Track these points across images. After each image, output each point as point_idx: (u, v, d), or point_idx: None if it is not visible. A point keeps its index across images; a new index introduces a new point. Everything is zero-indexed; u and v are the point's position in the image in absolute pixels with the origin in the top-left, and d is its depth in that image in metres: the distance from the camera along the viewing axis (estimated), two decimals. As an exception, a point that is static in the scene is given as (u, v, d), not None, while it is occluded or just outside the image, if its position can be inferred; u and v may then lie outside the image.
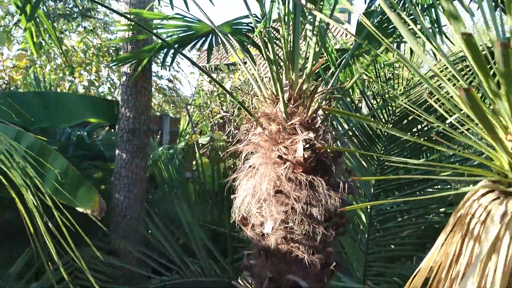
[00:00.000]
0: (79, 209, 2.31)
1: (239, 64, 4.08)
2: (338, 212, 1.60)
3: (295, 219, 1.55)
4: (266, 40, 1.59)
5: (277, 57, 1.68)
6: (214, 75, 4.99)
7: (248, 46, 2.57)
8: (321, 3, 1.81)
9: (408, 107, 1.42)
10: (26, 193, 1.18)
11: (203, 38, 2.61)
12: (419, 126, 2.61)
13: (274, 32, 2.27)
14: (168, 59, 2.98)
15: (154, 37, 2.72)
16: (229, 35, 2.33)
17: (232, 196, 1.75)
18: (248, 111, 1.68)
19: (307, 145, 1.56)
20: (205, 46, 2.60)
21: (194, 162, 4.12)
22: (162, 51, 2.79)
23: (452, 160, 2.89)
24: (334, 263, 1.66)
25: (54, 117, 2.82)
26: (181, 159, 3.83)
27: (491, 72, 0.68)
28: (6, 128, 2.22)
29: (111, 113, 3.02)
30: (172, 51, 2.74)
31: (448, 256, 0.83)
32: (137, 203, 2.91)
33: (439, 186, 2.79)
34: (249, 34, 2.59)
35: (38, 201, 2.25)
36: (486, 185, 0.80)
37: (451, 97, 0.86)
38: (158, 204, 3.08)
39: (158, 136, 4.33)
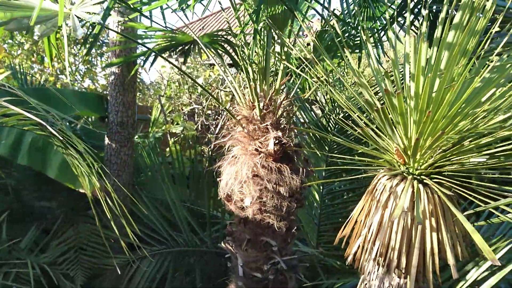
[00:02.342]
0: (81, 191, 2.74)
1: (216, 69, 4.55)
2: (298, 190, 2.17)
3: (267, 195, 2.10)
4: (247, 65, 2.10)
5: (253, 73, 2.20)
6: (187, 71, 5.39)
7: (224, 55, 3.05)
8: (290, 25, 2.33)
9: (347, 111, 1.99)
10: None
11: (185, 46, 3.07)
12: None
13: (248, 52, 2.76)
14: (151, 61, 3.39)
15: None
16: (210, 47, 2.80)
17: (218, 179, 2.27)
18: (232, 114, 2.20)
19: (276, 141, 2.11)
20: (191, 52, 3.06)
21: (167, 149, 4.58)
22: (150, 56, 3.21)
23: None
24: (295, 228, 2.25)
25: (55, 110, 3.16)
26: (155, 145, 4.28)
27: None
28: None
29: (101, 107, 3.40)
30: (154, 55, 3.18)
31: (364, 211, 1.42)
32: (125, 186, 3.35)
33: (367, 174, 3.46)
34: (224, 45, 3.07)
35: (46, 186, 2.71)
36: (384, 171, 1.39)
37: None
38: (143, 187, 3.53)
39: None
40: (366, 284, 1.43)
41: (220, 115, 4.82)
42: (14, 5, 1.64)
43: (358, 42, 2.86)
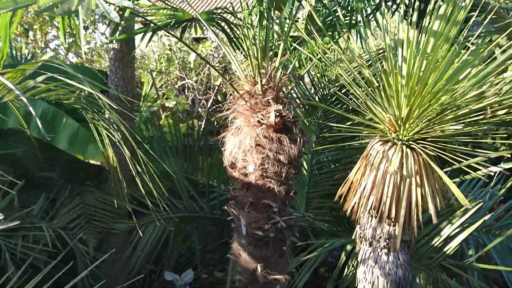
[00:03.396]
0: (91, 161, 2.92)
1: (208, 45, 4.68)
2: (296, 158, 2.42)
3: (269, 162, 2.33)
4: (249, 44, 2.29)
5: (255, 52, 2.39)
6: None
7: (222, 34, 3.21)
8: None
9: (347, 86, 2.23)
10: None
11: (184, 23, 3.22)
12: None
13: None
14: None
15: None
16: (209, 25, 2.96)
17: (222, 149, 2.49)
18: (236, 89, 2.40)
19: (277, 114, 2.33)
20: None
21: (161, 122, 4.75)
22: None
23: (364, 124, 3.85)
24: (293, 192, 2.51)
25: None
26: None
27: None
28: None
29: (100, 81, 3.54)
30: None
31: (359, 172, 1.68)
32: (125, 158, 3.54)
33: (362, 141, 3.74)
34: (220, 22, 3.22)
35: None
36: (377, 138, 1.64)
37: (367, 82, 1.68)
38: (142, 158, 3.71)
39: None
40: (361, 233, 1.70)
41: (212, 89, 4.99)
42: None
43: (348, 21, 3.08)
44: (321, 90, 3.23)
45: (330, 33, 3.00)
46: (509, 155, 1.35)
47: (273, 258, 2.51)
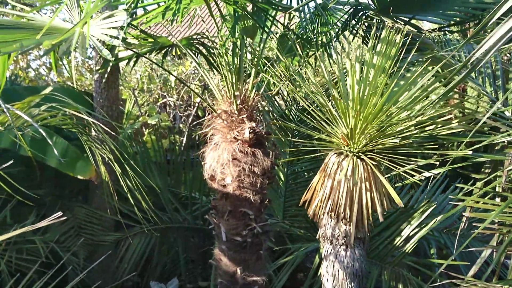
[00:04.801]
0: (80, 177, 3.13)
1: (188, 65, 4.95)
2: (269, 170, 2.69)
3: (245, 174, 2.60)
4: (224, 69, 2.57)
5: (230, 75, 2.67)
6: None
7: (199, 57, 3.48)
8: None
9: (305, 105, 2.52)
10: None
11: (164, 49, 3.48)
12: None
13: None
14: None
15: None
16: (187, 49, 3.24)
17: (203, 163, 2.74)
18: (213, 109, 2.67)
19: (251, 130, 2.60)
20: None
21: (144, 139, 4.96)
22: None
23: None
24: (267, 200, 2.77)
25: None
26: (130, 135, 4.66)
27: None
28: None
29: (86, 103, 3.75)
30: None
31: (320, 181, 1.96)
32: (112, 173, 3.75)
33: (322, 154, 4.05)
34: (198, 46, 3.50)
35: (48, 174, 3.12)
36: (334, 151, 1.93)
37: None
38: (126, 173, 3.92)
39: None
40: (323, 233, 1.98)
41: (191, 106, 5.25)
42: (30, 26, 2.02)
43: (314, 43, 3.39)
44: (291, 108, 3.54)
45: (295, 55, 3.31)
46: (437, 163, 1.65)
47: (251, 261, 2.75)
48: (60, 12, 2.20)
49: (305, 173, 4.18)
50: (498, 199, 1.71)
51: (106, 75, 3.61)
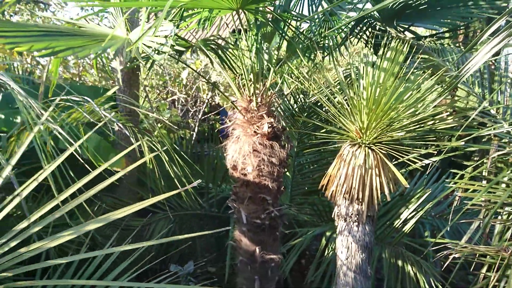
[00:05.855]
0: (113, 169, 3.44)
1: (198, 63, 5.25)
2: (284, 160, 3.03)
3: (264, 164, 2.93)
4: (245, 70, 2.90)
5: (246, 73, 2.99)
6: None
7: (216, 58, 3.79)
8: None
9: (324, 103, 2.86)
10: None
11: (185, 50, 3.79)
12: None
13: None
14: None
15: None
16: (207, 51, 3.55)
17: (225, 154, 3.07)
18: (236, 106, 3.00)
19: (269, 125, 2.94)
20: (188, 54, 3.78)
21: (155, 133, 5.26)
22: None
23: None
24: (283, 187, 3.11)
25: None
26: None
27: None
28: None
29: (109, 99, 4.05)
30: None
31: (335, 168, 2.31)
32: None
33: (335, 146, 4.41)
34: (214, 47, 3.82)
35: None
36: (348, 142, 2.28)
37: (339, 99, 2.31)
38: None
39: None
40: (338, 212, 2.33)
41: (202, 102, 5.56)
42: (84, 33, 2.32)
43: (322, 46, 3.74)
44: (300, 104, 3.88)
45: (307, 55, 3.65)
46: (435, 152, 2.00)
47: (268, 242, 3.10)
48: (105, 19, 2.50)
49: (310, 165, 4.54)
50: (484, 182, 2.06)
51: (128, 75, 3.91)
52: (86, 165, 3.51)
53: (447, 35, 3.11)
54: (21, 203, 1.40)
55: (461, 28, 3.07)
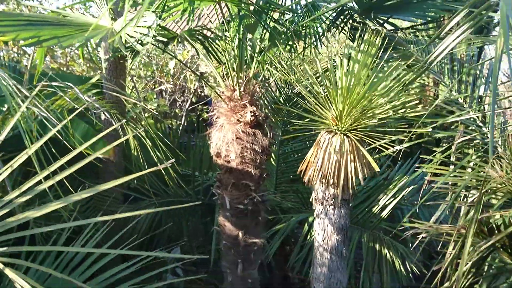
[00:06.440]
0: (100, 156, 3.51)
1: (186, 53, 5.31)
2: (267, 148, 3.12)
3: (246, 151, 3.02)
4: (229, 60, 2.98)
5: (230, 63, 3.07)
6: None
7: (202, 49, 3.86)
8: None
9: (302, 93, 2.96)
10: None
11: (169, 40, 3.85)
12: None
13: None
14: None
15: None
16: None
17: (209, 142, 3.15)
18: (218, 94, 3.08)
19: (252, 114, 3.03)
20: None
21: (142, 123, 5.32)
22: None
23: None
24: (265, 174, 3.22)
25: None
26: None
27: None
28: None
29: (98, 88, 4.10)
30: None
31: (313, 154, 2.42)
32: (119, 153, 4.13)
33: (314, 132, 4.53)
34: (199, 38, 3.88)
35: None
36: (325, 129, 2.39)
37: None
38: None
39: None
40: (315, 196, 2.44)
41: (189, 92, 5.62)
42: (69, 23, 2.38)
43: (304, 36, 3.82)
44: (284, 94, 3.98)
45: (289, 44, 3.74)
46: (406, 139, 2.12)
47: (251, 226, 3.21)
48: (90, 8, 2.55)
49: (294, 154, 4.65)
50: (452, 167, 2.19)
51: (115, 64, 3.96)
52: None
53: (427, 26, 3.21)
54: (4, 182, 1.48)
55: (439, 20, 3.18)
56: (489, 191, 1.68)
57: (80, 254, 2.23)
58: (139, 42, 2.23)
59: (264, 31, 3.31)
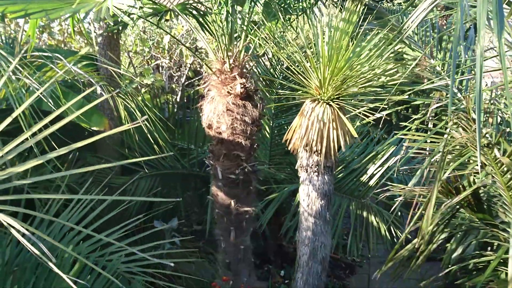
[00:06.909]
0: (95, 128, 3.60)
1: (180, 28, 5.32)
2: (257, 119, 3.20)
3: (237, 123, 3.10)
4: (219, 32, 3.02)
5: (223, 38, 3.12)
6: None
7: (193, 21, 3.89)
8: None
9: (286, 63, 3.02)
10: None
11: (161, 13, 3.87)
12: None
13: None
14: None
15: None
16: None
17: (201, 114, 3.23)
18: (210, 68, 3.14)
19: (242, 86, 3.09)
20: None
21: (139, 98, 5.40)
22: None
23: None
24: (256, 145, 3.31)
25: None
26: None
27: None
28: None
29: (92, 64, 4.16)
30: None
31: (298, 123, 2.50)
32: (115, 126, 4.22)
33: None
34: (192, 11, 3.90)
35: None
36: (309, 99, 2.46)
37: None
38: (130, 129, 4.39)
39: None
40: (300, 163, 2.53)
41: (185, 67, 5.66)
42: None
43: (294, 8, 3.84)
44: (276, 66, 4.02)
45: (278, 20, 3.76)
46: (386, 106, 2.19)
47: (242, 195, 3.33)
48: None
49: (287, 127, 4.71)
50: (429, 132, 2.27)
51: (108, 39, 4.00)
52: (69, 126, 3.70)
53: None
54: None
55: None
56: (454, 151, 1.76)
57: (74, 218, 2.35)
58: (128, 14, 2.28)
59: (253, 4, 3.33)
